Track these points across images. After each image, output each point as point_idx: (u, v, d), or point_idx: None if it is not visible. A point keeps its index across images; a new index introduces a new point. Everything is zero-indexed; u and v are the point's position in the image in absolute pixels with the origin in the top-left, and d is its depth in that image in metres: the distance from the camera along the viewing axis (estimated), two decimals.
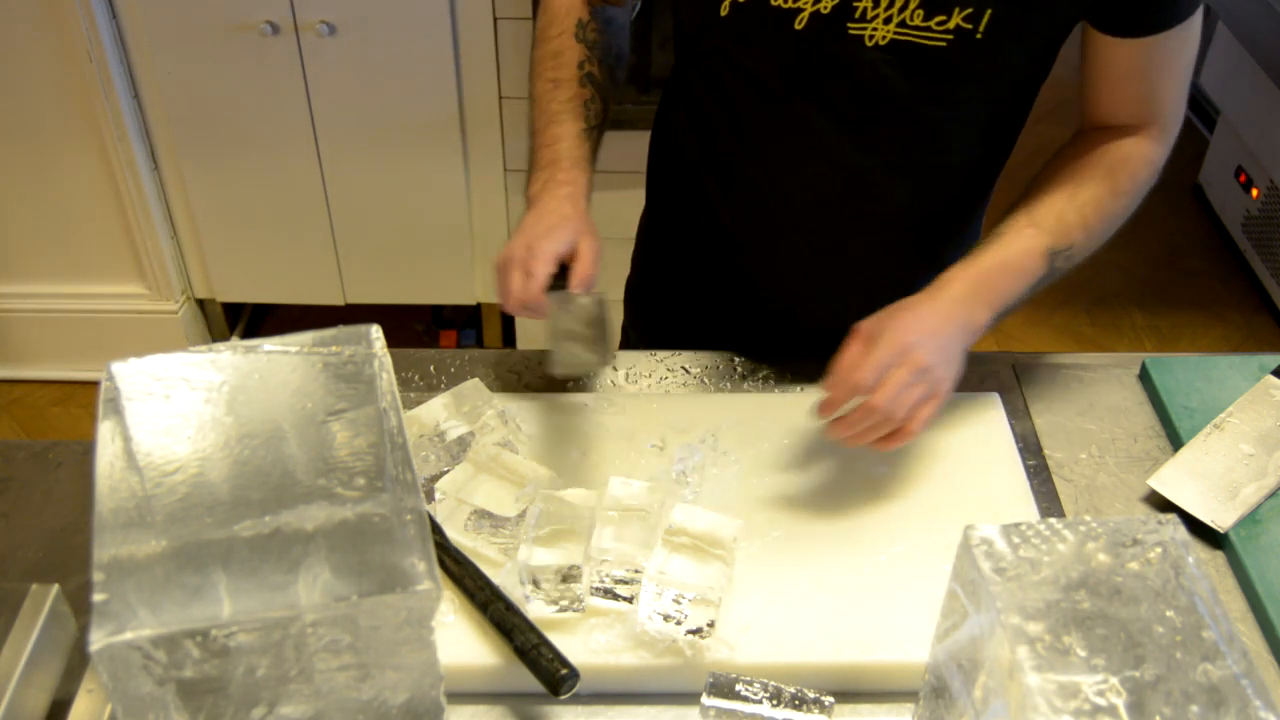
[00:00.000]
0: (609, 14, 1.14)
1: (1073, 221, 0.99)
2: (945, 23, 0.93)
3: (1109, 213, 1.01)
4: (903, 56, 0.96)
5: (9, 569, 0.98)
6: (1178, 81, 1.02)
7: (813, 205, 1.10)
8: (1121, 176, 1.01)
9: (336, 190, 2.31)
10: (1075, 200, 0.99)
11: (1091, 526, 0.68)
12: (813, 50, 0.98)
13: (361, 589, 0.63)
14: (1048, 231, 0.98)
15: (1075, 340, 2.73)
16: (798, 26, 0.97)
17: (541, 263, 0.97)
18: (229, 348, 0.75)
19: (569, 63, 1.10)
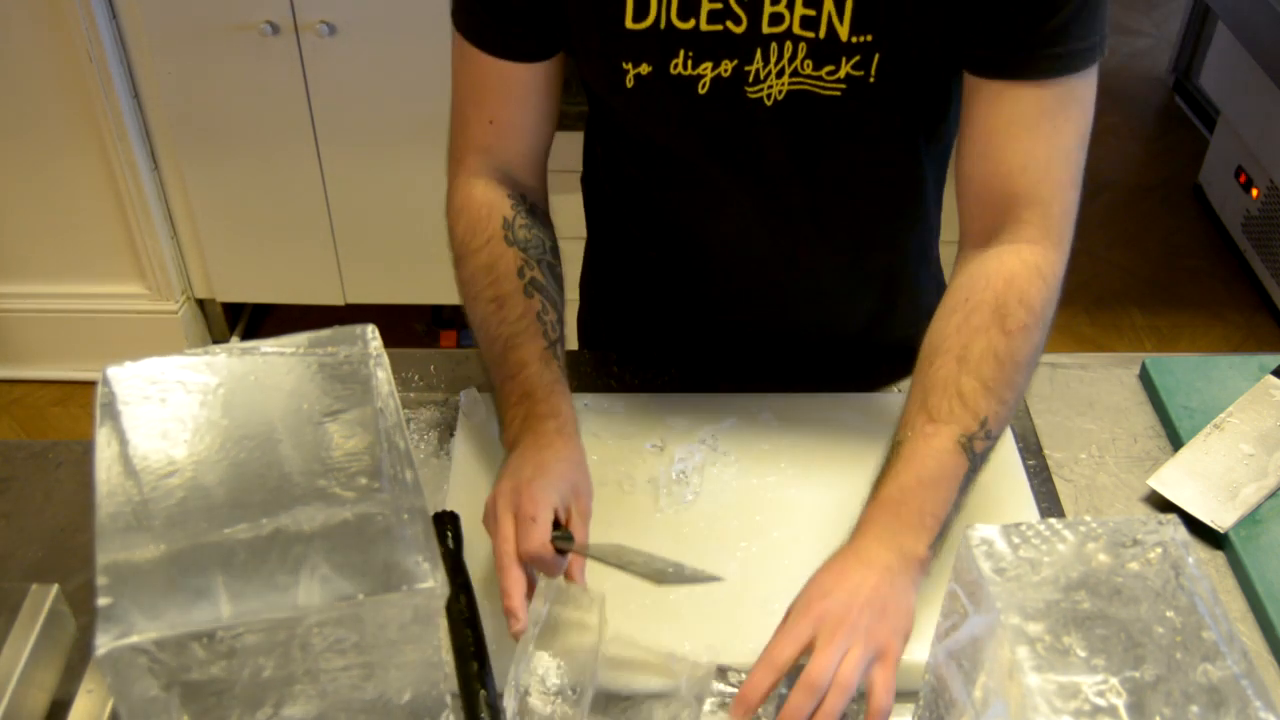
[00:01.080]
0: (531, 204, 1.02)
1: (973, 393, 0.86)
2: (835, 72, 0.90)
3: (1010, 360, 0.87)
4: (799, 108, 0.93)
5: (9, 569, 0.98)
6: (1058, 151, 0.89)
7: (735, 252, 1.09)
8: (1012, 310, 0.88)
9: (336, 190, 2.31)
10: (966, 366, 0.87)
11: (1091, 527, 0.68)
12: (716, 114, 0.95)
13: (366, 588, 0.63)
14: (949, 420, 0.86)
15: (1075, 340, 2.73)
16: (701, 91, 0.93)
17: (542, 510, 0.84)
18: (224, 350, 0.75)
19: (507, 274, 0.97)
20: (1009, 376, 0.87)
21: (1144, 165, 3.38)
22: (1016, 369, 0.88)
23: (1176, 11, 3.77)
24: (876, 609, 0.79)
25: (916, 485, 0.85)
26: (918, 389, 0.89)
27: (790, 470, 1.03)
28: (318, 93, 2.17)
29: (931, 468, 0.85)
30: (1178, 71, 3.62)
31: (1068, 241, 0.92)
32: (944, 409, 0.86)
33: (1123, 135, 3.49)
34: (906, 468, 0.85)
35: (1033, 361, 0.90)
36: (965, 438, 0.85)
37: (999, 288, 0.89)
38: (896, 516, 0.84)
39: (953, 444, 0.85)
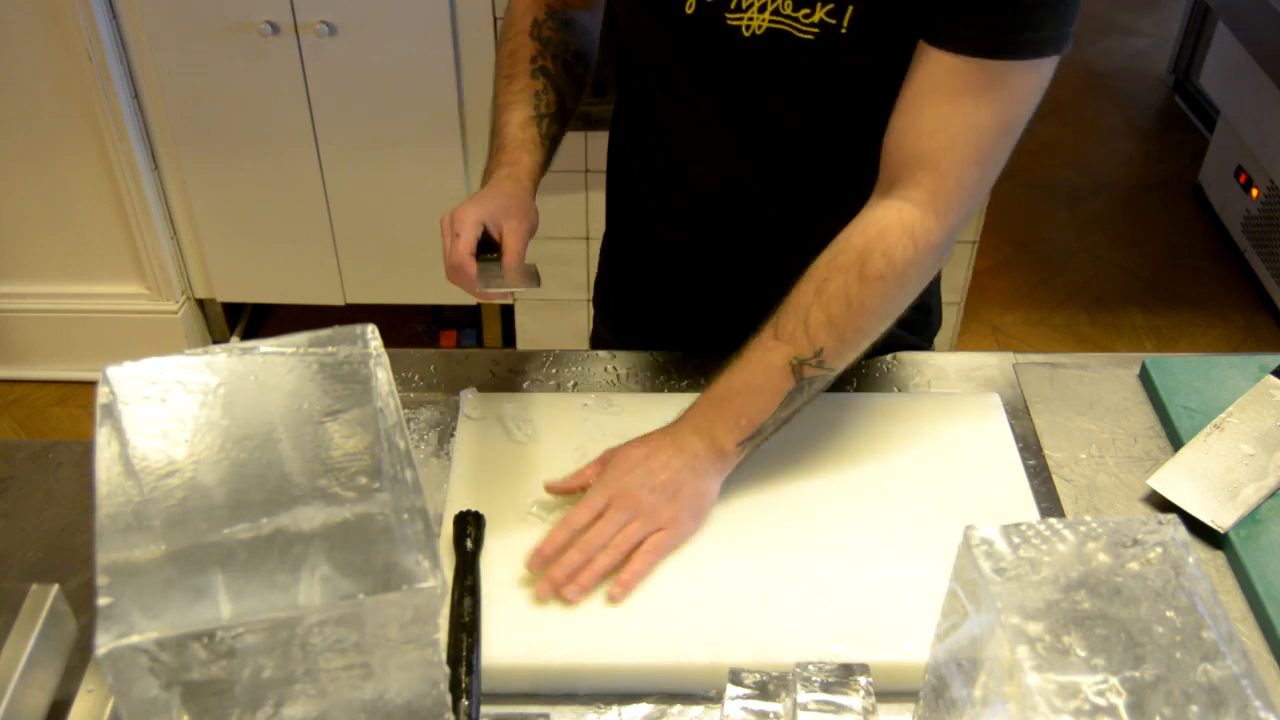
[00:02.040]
0: (568, 15, 1.15)
1: (816, 323, 0.92)
2: (810, 16, 0.93)
3: (859, 303, 0.92)
4: (777, 47, 0.96)
5: (9, 569, 0.98)
6: (969, 128, 0.91)
7: (721, 194, 1.11)
8: (874, 258, 0.92)
9: (336, 190, 2.32)
10: (820, 298, 0.93)
11: (1091, 526, 0.68)
12: (698, 37, 0.99)
13: (366, 587, 0.63)
14: (790, 341, 0.93)
15: (1075, 340, 2.73)
16: (687, 11, 0.97)
17: (466, 225, 0.98)
18: (224, 350, 0.75)
19: (523, 59, 1.12)
20: (854, 319, 0.93)
21: (1144, 165, 3.38)
22: (863, 314, 0.93)
23: (1176, 11, 3.78)
24: (670, 491, 0.93)
25: (742, 388, 0.95)
26: (779, 308, 0.96)
27: (790, 470, 1.03)
28: (318, 93, 2.17)
29: (759, 377, 0.94)
30: (1178, 71, 3.63)
31: (955, 217, 0.93)
32: (788, 330, 0.94)
33: (1123, 135, 3.49)
34: (738, 372, 0.96)
35: (883, 312, 0.94)
36: (797, 360, 0.93)
37: (870, 235, 0.93)
38: (717, 411, 0.95)
39: (784, 362, 0.93)
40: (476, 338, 2.67)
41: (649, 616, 0.90)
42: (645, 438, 0.97)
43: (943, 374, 1.18)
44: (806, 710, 0.78)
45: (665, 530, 0.93)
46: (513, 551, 0.95)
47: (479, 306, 2.58)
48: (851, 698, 0.79)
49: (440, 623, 0.67)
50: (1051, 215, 3.16)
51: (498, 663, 0.86)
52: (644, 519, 0.92)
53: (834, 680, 0.80)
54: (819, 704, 0.79)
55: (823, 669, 0.81)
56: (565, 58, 1.13)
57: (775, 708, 0.81)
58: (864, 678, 0.80)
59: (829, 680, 0.80)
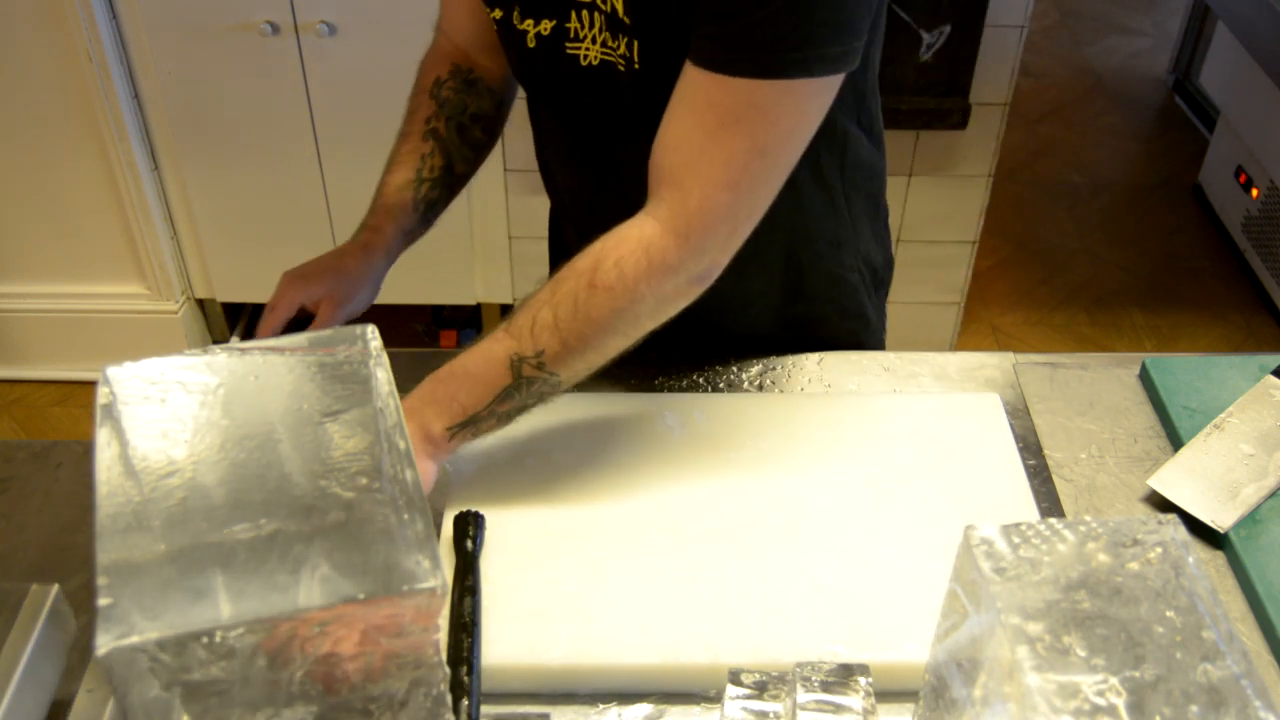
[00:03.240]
0: (473, 76, 1.15)
1: (543, 323, 0.90)
2: (618, 49, 0.94)
3: (585, 310, 0.89)
4: (608, 77, 0.97)
5: (9, 569, 0.98)
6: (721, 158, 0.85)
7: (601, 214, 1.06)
8: (606, 267, 0.89)
9: (336, 190, 2.32)
10: (553, 298, 0.90)
11: (1091, 526, 0.68)
12: (542, 67, 1.01)
13: (366, 588, 0.63)
14: (515, 336, 0.91)
15: (1075, 340, 2.73)
16: (529, 45, 1.00)
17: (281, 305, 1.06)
18: (224, 350, 0.75)
19: (418, 118, 1.14)
20: (578, 325, 0.90)
21: (1144, 165, 3.38)
22: (588, 322, 0.90)
23: (1176, 11, 3.78)
24: None
25: (461, 374, 0.93)
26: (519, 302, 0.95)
27: (790, 470, 1.03)
28: (318, 93, 2.17)
29: (479, 366, 0.93)
30: (1178, 71, 3.63)
31: (699, 239, 0.88)
32: (517, 325, 0.92)
33: (1123, 135, 3.49)
34: (462, 358, 0.94)
35: (609, 325, 0.90)
36: (518, 357, 0.91)
37: (609, 244, 0.91)
38: (432, 394, 0.94)
39: (505, 356, 0.91)
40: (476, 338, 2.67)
41: (649, 617, 0.90)
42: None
43: (943, 374, 1.18)
44: (806, 710, 0.78)
45: None
46: (513, 551, 0.95)
47: (479, 306, 2.58)
48: (851, 698, 0.79)
49: (440, 623, 0.67)
50: (1051, 215, 3.16)
51: (498, 663, 0.86)
52: None
53: (834, 680, 0.80)
54: (819, 704, 0.79)
55: (822, 669, 0.81)
56: (461, 120, 1.14)
57: (775, 708, 0.81)
58: (864, 678, 0.80)
59: (829, 680, 0.80)
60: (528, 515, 0.98)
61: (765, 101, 0.84)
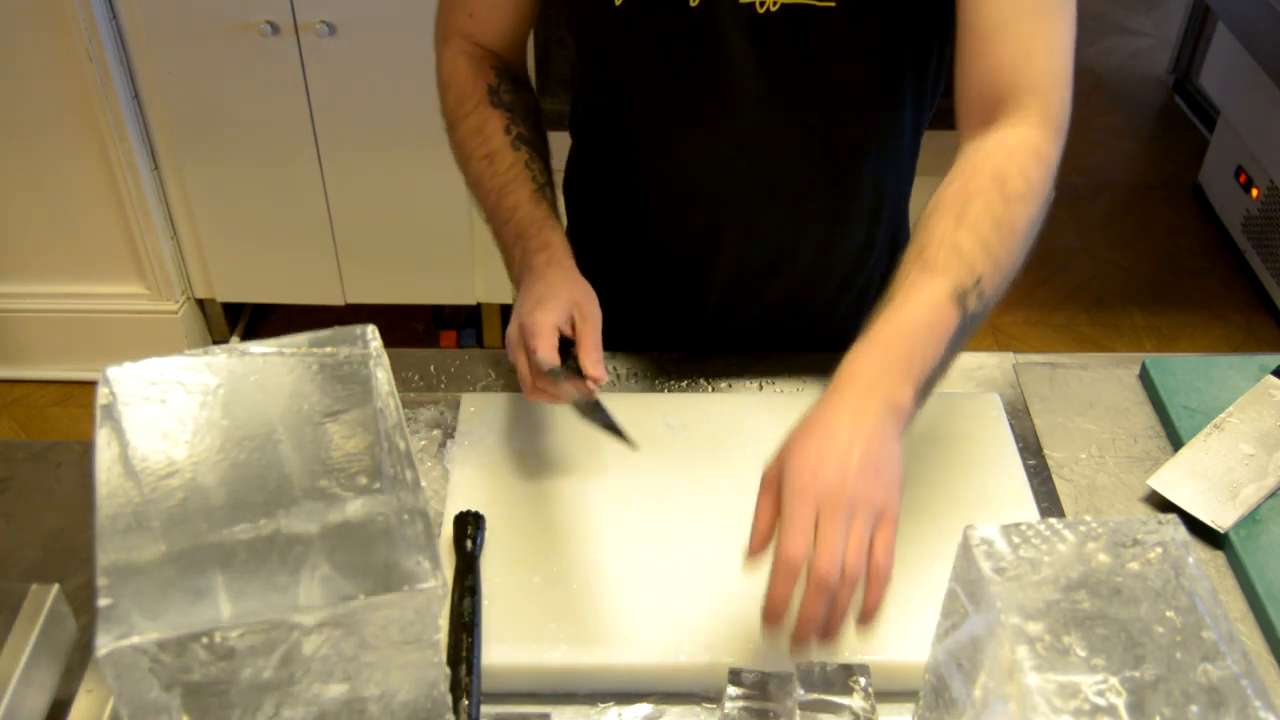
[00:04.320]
0: (513, 71, 1.11)
1: (969, 248, 0.84)
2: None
3: (1008, 223, 0.87)
4: (794, 22, 0.94)
5: (9, 569, 0.98)
6: (1056, 45, 0.92)
7: (718, 186, 1.09)
8: (1010, 177, 0.88)
9: (336, 190, 2.32)
10: (964, 223, 0.85)
11: (1091, 526, 0.68)
12: (708, 25, 0.97)
13: (366, 588, 0.63)
14: (943, 272, 0.83)
15: (1075, 340, 2.73)
16: (692, 4, 0.95)
17: (540, 339, 0.90)
18: (224, 350, 0.75)
19: (495, 132, 1.05)
20: (1004, 239, 0.86)
21: (1144, 165, 3.38)
22: (1013, 234, 0.87)
23: (1176, 11, 3.77)
24: (870, 472, 0.76)
25: (907, 331, 0.82)
26: (914, 245, 0.87)
27: None
28: (318, 93, 2.17)
29: (924, 315, 0.82)
30: (1178, 71, 3.62)
31: (1064, 133, 0.93)
32: (939, 260, 0.84)
33: (1123, 135, 3.49)
34: (898, 313, 0.83)
35: (1027, 233, 0.88)
36: (959, 291, 0.83)
37: (999, 159, 0.89)
38: (884, 363, 0.81)
39: (946, 295, 0.83)
40: (476, 338, 2.67)
41: (649, 617, 0.90)
42: (809, 420, 0.79)
43: None
44: (806, 710, 0.78)
45: (885, 516, 0.76)
46: (513, 551, 0.95)
47: (479, 306, 2.58)
48: (851, 698, 0.79)
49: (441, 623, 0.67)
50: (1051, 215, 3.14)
51: (498, 663, 0.86)
52: (862, 514, 0.75)
53: (834, 680, 0.80)
54: (818, 703, 0.79)
55: (823, 669, 0.81)
56: (532, 118, 1.09)
57: (775, 708, 0.81)
58: (864, 678, 0.80)
59: (829, 680, 0.80)
60: (528, 515, 0.98)
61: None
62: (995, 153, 0.90)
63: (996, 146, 0.90)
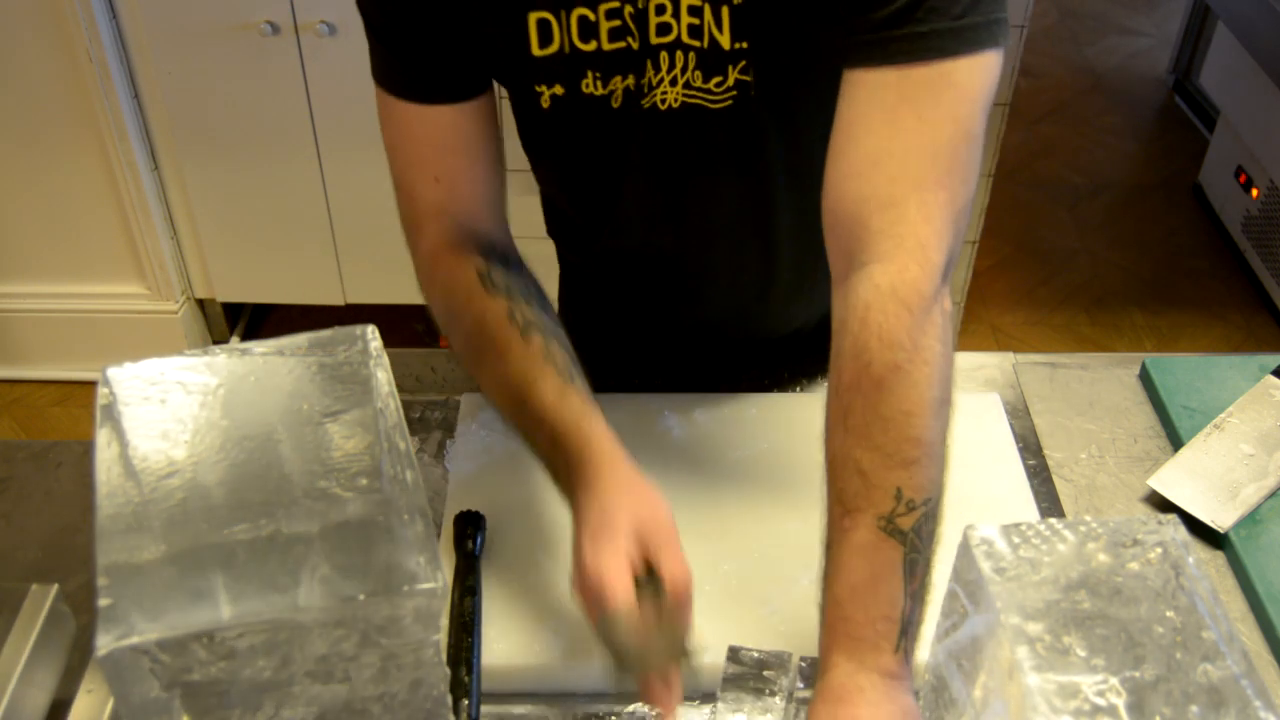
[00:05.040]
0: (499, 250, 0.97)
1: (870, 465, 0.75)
2: (724, 82, 0.89)
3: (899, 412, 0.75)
4: (693, 119, 0.92)
5: (9, 569, 0.98)
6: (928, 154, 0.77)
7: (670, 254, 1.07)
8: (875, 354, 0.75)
9: (336, 190, 2.31)
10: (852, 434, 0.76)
11: (1091, 526, 0.68)
12: (627, 126, 0.93)
13: (366, 588, 0.63)
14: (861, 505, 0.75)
15: (1075, 340, 2.73)
16: (614, 106, 0.92)
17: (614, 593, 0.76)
18: (224, 350, 0.75)
19: (499, 324, 0.90)
20: (903, 431, 0.74)
21: (1144, 165, 3.38)
22: (908, 419, 0.74)
23: (1176, 11, 3.77)
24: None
25: (851, 596, 0.74)
26: (828, 476, 0.78)
27: (790, 470, 1.03)
28: (318, 93, 2.17)
29: (861, 570, 0.74)
30: (1178, 71, 3.62)
31: (937, 253, 0.77)
32: (850, 492, 0.75)
33: (1123, 135, 3.49)
34: (837, 578, 0.75)
35: (930, 402, 0.75)
36: (884, 519, 0.74)
37: (855, 330, 0.76)
38: (848, 637, 0.74)
39: (874, 532, 0.74)
40: None
41: None
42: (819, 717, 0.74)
43: None
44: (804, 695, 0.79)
45: None
46: (513, 552, 0.95)
47: None
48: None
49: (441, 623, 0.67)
50: (1051, 215, 3.16)
51: (498, 663, 0.86)
52: None
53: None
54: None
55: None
56: (537, 297, 0.94)
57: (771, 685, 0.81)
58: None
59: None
60: (528, 515, 0.98)
61: (958, 77, 0.76)
62: (850, 321, 0.77)
63: (851, 310, 0.78)
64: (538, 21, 0.88)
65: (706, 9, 0.85)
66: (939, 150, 0.77)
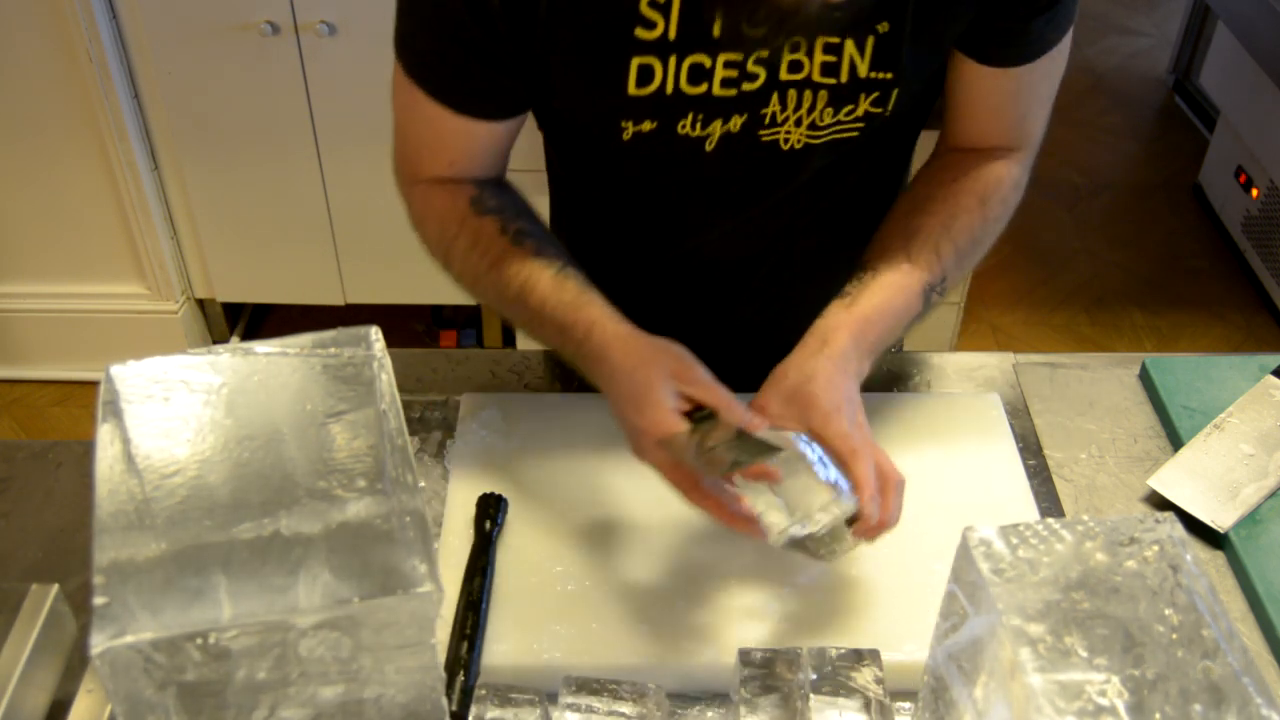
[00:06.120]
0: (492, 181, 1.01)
1: (947, 253, 0.97)
2: (854, 111, 0.94)
3: (980, 241, 1.00)
4: (817, 156, 0.97)
5: (9, 569, 0.98)
6: (1045, 105, 1.03)
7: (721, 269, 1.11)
8: (994, 203, 1.00)
9: (336, 190, 2.31)
10: (950, 231, 0.97)
11: (1089, 526, 0.68)
12: (722, 165, 0.96)
13: (362, 591, 0.63)
14: (925, 268, 0.95)
15: (1075, 340, 2.73)
16: (708, 149, 0.94)
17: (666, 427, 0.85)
18: (228, 350, 0.75)
19: (492, 238, 0.95)
20: (974, 256, 1.00)
21: (1144, 165, 3.38)
22: (980, 249, 1.00)
23: (1176, 11, 3.77)
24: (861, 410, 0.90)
25: (883, 313, 0.93)
26: (900, 229, 0.98)
27: None
28: (318, 93, 2.17)
29: (900, 301, 0.94)
30: (1178, 71, 3.62)
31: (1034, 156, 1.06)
32: (922, 257, 0.96)
33: (1123, 135, 3.49)
34: (880, 292, 0.94)
35: (987, 249, 1.02)
36: (929, 287, 0.96)
37: (990, 182, 1.00)
38: (863, 336, 0.92)
39: (920, 286, 0.95)
40: (476, 338, 2.67)
41: (649, 616, 0.90)
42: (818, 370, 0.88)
43: (942, 374, 1.18)
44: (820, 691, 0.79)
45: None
46: (513, 552, 0.95)
47: (479, 306, 2.58)
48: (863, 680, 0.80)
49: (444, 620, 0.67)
50: (1051, 215, 3.16)
51: (498, 663, 0.86)
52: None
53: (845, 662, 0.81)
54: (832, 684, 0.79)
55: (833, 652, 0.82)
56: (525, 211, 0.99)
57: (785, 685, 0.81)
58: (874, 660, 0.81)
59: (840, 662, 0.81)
60: (527, 515, 0.99)
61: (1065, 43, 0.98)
62: (986, 176, 1.00)
63: (988, 170, 1.01)
64: (639, 66, 0.89)
65: (848, 44, 0.90)
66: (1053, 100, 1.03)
